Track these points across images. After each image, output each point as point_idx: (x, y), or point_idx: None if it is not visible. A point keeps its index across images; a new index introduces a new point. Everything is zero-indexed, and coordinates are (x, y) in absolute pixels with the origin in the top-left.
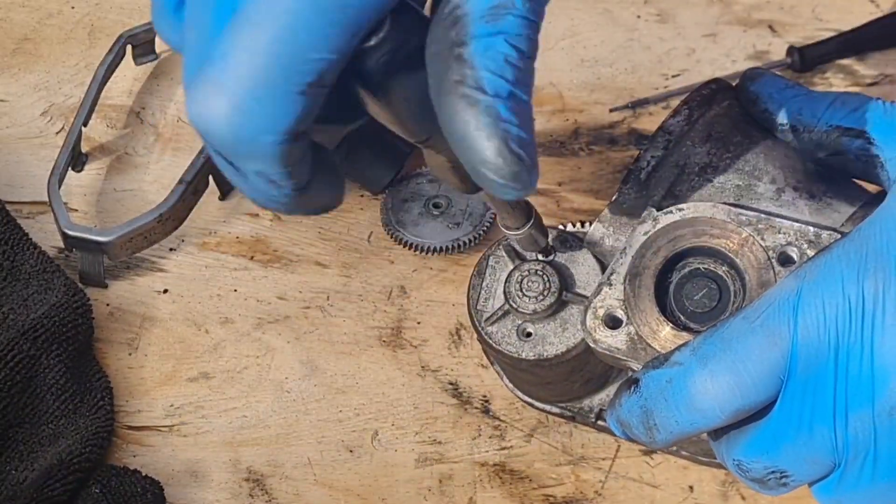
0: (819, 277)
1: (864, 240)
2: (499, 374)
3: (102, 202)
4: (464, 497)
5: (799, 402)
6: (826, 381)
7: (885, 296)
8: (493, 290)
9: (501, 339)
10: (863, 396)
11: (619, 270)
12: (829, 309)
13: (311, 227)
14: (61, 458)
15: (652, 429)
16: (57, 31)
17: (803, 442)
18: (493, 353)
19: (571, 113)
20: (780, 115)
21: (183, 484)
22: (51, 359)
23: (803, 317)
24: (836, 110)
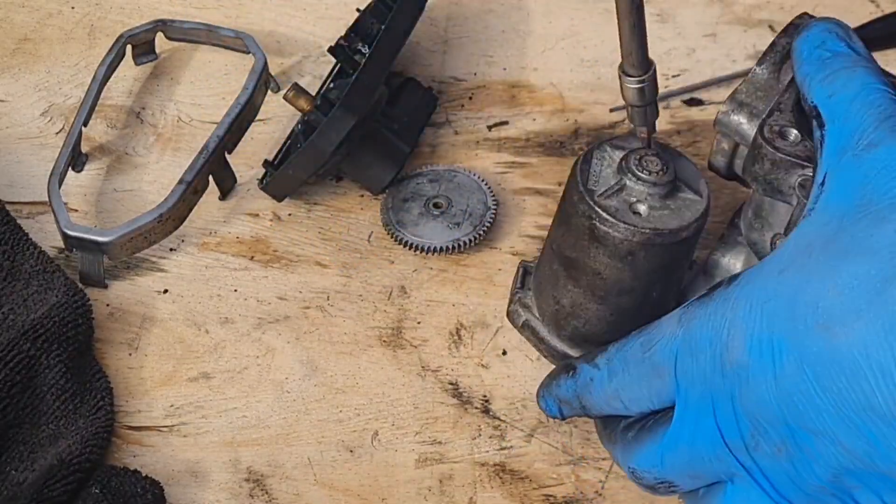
0: (694, 330)
1: (736, 301)
2: (536, 318)
3: (102, 202)
4: (464, 497)
5: (685, 428)
6: (705, 415)
7: (747, 355)
8: (600, 176)
9: (616, 212)
10: (733, 435)
11: (785, 101)
12: (700, 362)
13: (311, 228)
14: (61, 458)
15: (585, 408)
16: (57, 31)
17: (687, 462)
18: (600, 231)
19: (572, 113)
20: (798, 73)
21: (183, 484)
22: (51, 359)
23: (680, 364)
24: (821, 91)
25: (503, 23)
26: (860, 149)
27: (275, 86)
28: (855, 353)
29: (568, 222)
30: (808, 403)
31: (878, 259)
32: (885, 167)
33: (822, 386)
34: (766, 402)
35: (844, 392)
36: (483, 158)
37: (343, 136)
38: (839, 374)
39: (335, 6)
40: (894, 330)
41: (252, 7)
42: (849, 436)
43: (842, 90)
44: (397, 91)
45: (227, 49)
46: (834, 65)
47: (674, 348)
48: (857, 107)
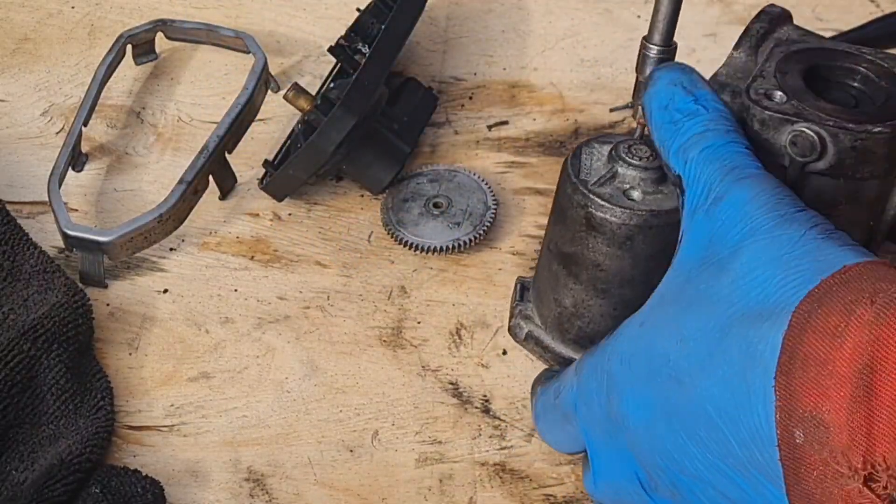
0: (584, 381)
1: (611, 355)
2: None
3: (102, 202)
4: (464, 497)
5: (601, 468)
6: (613, 458)
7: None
8: (591, 168)
9: (611, 198)
10: (636, 477)
11: (767, 70)
12: (593, 410)
13: (311, 227)
14: (61, 458)
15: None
16: (57, 31)
17: (613, 494)
18: (597, 219)
19: (572, 113)
20: (655, 136)
21: (183, 484)
22: (51, 359)
23: (579, 412)
24: (678, 157)
25: (503, 23)
26: (709, 204)
27: (275, 86)
28: (706, 405)
29: (563, 217)
30: (682, 453)
31: (716, 309)
32: (728, 218)
33: (688, 436)
34: (648, 452)
35: (706, 441)
36: (483, 158)
37: (343, 136)
38: (698, 426)
39: (335, 6)
40: (734, 379)
41: (252, 7)
42: (722, 482)
43: (694, 156)
44: (397, 91)
45: (227, 49)
46: (684, 131)
47: (573, 397)
48: (706, 167)
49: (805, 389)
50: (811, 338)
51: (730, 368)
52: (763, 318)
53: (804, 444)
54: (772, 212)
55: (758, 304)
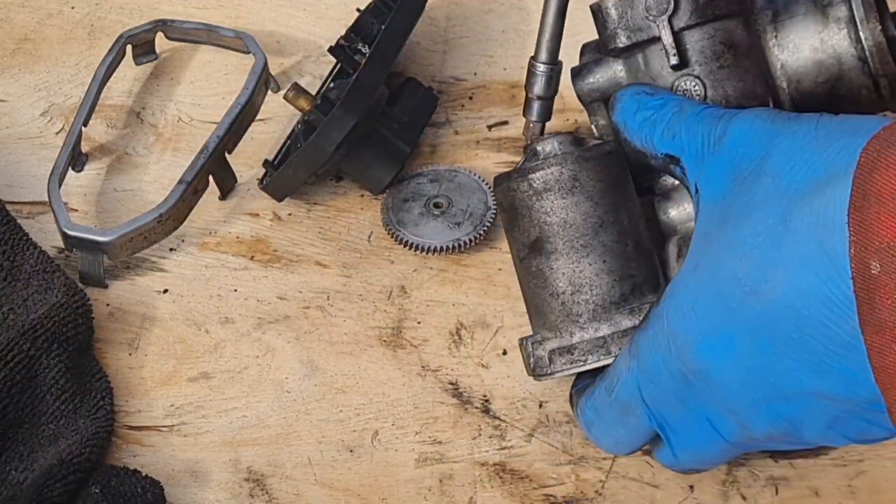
0: (645, 358)
1: (668, 314)
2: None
3: (102, 202)
4: (464, 497)
5: (683, 446)
6: (694, 431)
7: (692, 375)
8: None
9: (540, 161)
10: (731, 434)
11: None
12: (663, 385)
13: (311, 227)
14: (61, 458)
15: None
16: (57, 31)
17: (698, 461)
18: (538, 182)
19: (571, 113)
20: (631, 140)
21: (183, 484)
22: (51, 359)
23: (646, 394)
24: (663, 139)
25: (503, 23)
26: (712, 146)
27: (275, 86)
28: (791, 299)
29: (515, 217)
30: (778, 371)
31: (769, 207)
32: (740, 140)
33: (781, 347)
34: (739, 395)
35: (802, 341)
36: (483, 158)
37: (343, 136)
38: (788, 328)
39: (335, 6)
40: (812, 254)
41: (252, 7)
42: (823, 382)
43: (681, 126)
44: (397, 91)
45: (227, 49)
46: (662, 116)
47: (635, 383)
48: (696, 127)
49: (880, 221)
50: (882, 175)
51: (804, 246)
52: (821, 187)
53: (880, 274)
54: (777, 118)
55: (810, 181)
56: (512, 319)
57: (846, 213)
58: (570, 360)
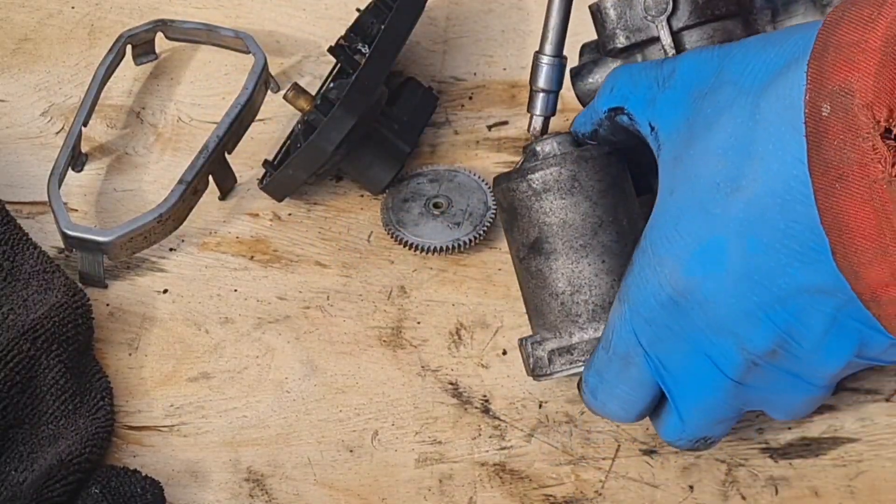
0: (634, 298)
1: (652, 246)
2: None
3: (102, 202)
4: (464, 497)
5: (689, 396)
6: (699, 369)
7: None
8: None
9: (539, 160)
10: (735, 370)
11: None
12: (657, 322)
13: (311, 227)
14: (61, 458)
15: None
16: (57, 31)
17: (707, 419)
18: (537, 182)
19: (571, 113)
20: (587, 129)
21: (183, 484)
22: (51, 359)
23: (643, 337)
24: (603, 97)
25: (503, 23)
26: (662, 85)
27: (275, 86)
28: (773, 186)
29: (514, 217)
30: (770, 272)
31: (734, 109)
32: (692, 69)
33: (768, 243)
34: (734, 307)
35: (789, 230)
36: (483, 158)
37: (343, 135)
38: (776, 219)
39: (335, 6)
40: (785, 141)
41: (252, 7)
42: (818, 270)
43: (619, 82)
44: (397, 91)
45: (227, 49)
46: (605, 83)
47: (629, 329)
48: (636, 76)
49: (835, 67)
50: (844, 29)
51: (776, 131)
52: (783, 73)
53: (829, 116)
54: (724, 45)
55: (771, 73)
56: (512, 319)
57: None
58: (569, 360)
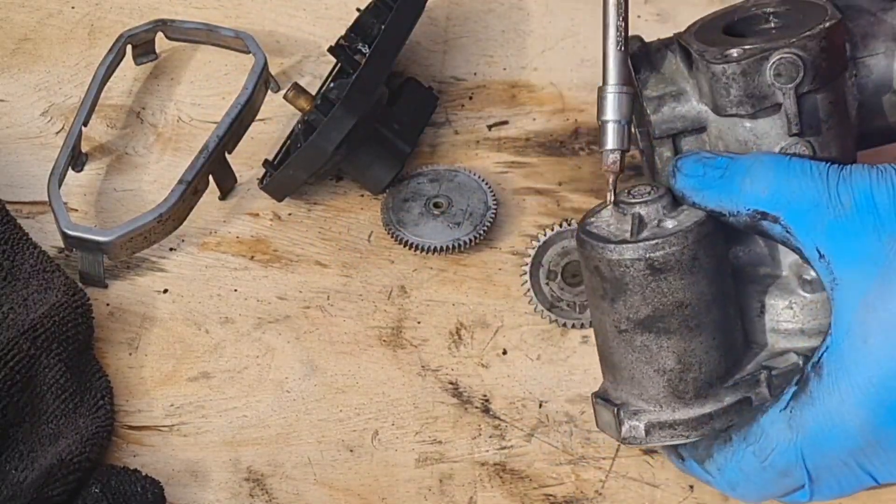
0: (813, 431)
1: (842, 389)
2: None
3: (102, 202)
4: (464, 497)
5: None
6: (849, 482)
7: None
8: (611, 233)
9: (659, 235)
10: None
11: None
12: (831, 454)
13: (311, 227)
14: (61, 458)
15: None
16: (57, 31)
17: (836, 497)
18: (659, 259)
19: (572, 112)
20: (705, 205)
21: (183, 484)
22: (51, 359)
23: (810, 461)
24: (749, 194)
25: (503, 23)
26: (834, 207)
27: (275, 86)
28: None
29: (620, 290)
30: None
31: None
32: (873, 205)
33: None
34: None
35: None
36: (483, 158)
37: (343, 135)
38: None
39: (335, 6)
40: None
41: (252, 7)
42: None
43: (775, 183)
44: (397, 91)
45: (227, 49)
46: (739, 170)
47: (797, 452)
48: (797, 181)
49: None
50: None
51: None
52: None
53: None
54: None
55: None
56: (512, 319)
57: None
58: (670, 434)
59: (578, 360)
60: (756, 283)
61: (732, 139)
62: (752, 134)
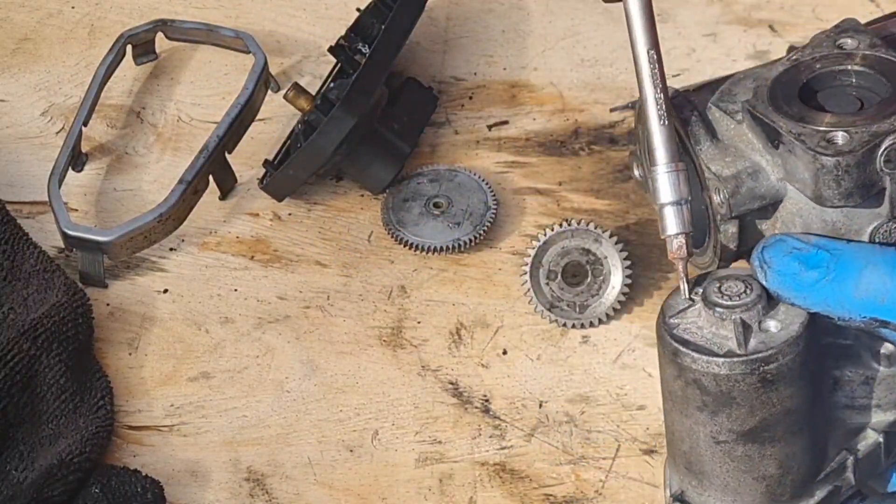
0: None
1: None
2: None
3: (102, 202)
4: (464, 497)
5: None
6: None
7: None
8: (704, 337)
9: (769, 344)
10: None
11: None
12: None
13: (311, 227)
14: (61, 458)
15: None
16: (57, 31)
17: None
18: (772, 371)
19: (572, 112)
20: (808, 307)
21: (183, 484)
22: (51, 359)
23: None
24: (865, 301)
25: (503, 23)
26: None
27: (275, 86)
28: None
29: (726, 402)
30: None
31: None
32: None
33: None
34: None
35: None
36: (483, 158)
37: (343, 135)
38: None
39: (335, 6)
40: None
41: (252, 7)
42: None
43: (889, 290)
44: (397, 91)
45: (227, 49)
46: (846, 271)
47: None
48: None
49: None
50: None
51: None
52: None
53: None
54: None
55: None
56: (512, 319)
57: None
58: None
59: (578, 360)
60: (824, 354)
61: (816, 219)
62: (843, 216)
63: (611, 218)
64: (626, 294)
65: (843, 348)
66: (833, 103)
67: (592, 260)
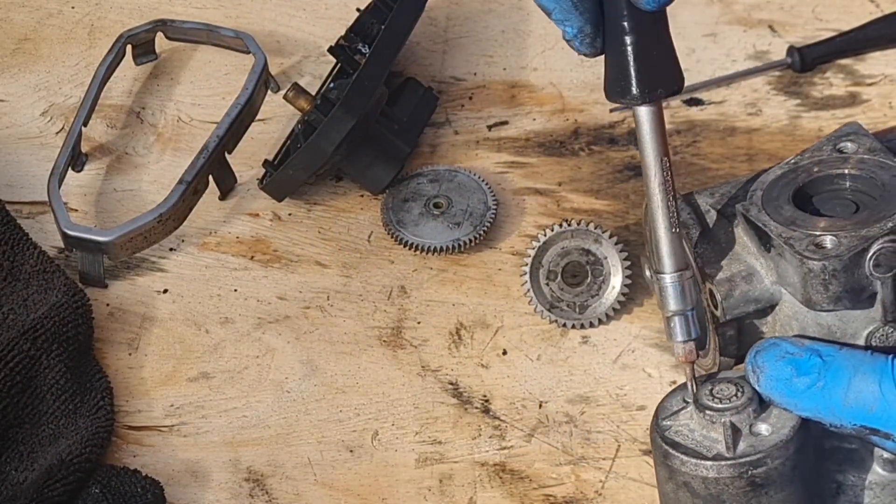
0: None
1: None
2: None
3: (102, 202)
4: (464, 497)
5: None
6: None
7: None
8: (695, 440)
9: (758, 448)
10: None
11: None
12: None
13: (311, 227)
14: (61, 458)
15: None
16: (57, 31)
17: None
18: (761, 474)
19: (571, 113)
20: (799, 413)
21: (183, 484)
22: (51, 359)
23: None
24: (855, 409)
25: (503, 23)
26: None
27: (275, 86)
28: None
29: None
30: None
31: None
32: None
33: None
34: None
35: None
36: (483, 158)
37: (343, 136)
38: None
39: (335, 6)
40: None
41: (252, 7)
42: None
43: (878, 399)
44: (397, 91)
45: (227, 49)
46: (836, 378)
47: None
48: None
49: None
50: None
51: None
52: None
53: None
54: None
55: None
56: (512, 319)
57: None
58: None
59: (578, 360)
60: (825, 457)
61: (812, 323)
62: (837, 319)
63: (611, 218)
64: (625, 294)
65: (847, 452)
66: (828, 207)
67: (592, 260)
